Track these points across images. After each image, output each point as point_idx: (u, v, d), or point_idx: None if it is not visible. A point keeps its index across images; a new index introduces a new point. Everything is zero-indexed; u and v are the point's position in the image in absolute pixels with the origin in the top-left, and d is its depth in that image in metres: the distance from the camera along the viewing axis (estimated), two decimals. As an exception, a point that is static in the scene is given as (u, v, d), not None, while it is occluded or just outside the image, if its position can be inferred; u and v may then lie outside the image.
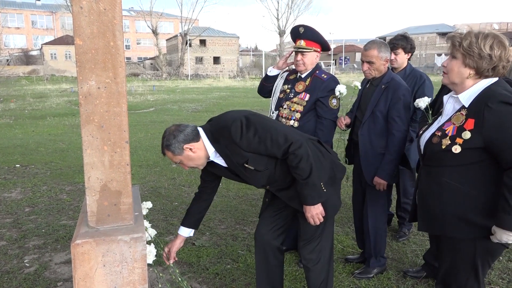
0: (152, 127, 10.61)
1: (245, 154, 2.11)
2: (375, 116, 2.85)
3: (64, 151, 7.54)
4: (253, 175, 2.21)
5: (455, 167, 1.80)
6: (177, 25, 59.66)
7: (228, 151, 2.13)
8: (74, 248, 1.76)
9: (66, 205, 4.70)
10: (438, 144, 1.83)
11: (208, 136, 2.17)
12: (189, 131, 2.12)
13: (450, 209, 1.83)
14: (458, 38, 1.81)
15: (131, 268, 1.84)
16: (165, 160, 6.78)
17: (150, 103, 17.29)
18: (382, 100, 2.82)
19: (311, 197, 2.17)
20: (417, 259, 3.34)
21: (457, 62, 1.82)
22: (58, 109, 14.86)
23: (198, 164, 2.21)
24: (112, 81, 1.78)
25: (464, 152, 1.75)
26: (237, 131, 2.06)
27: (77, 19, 1.70)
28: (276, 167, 2.21)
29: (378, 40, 2.87)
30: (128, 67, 48.29)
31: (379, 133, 2.85)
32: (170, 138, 2.10)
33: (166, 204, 4.70)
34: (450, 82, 1.87)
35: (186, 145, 2.10)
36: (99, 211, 1.86)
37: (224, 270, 3.19)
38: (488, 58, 1.75)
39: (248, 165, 2.15)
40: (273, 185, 2.31)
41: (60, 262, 3.34)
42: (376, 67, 2.82)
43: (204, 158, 2.19)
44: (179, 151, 2.10)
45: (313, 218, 2.21)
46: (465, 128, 1.76)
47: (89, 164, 1.82)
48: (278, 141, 2.08)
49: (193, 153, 2.12)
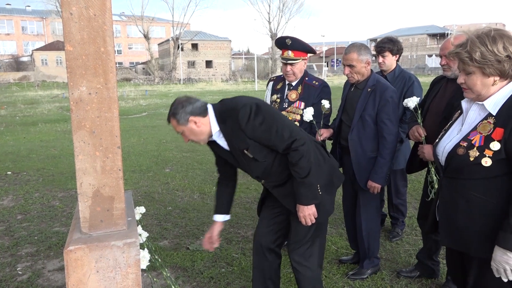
0: (144, 132, 10.58)
1: (248, 141, 2.11)
2: (364, 120, 2.84)
3: (56, 158, 7.49)
4: (250, 164, 2.22)
5: (483, 180, 1.68)
6: (168, 29, 59.61)
7: (232, 133, 2.14)
8: (67, 255, 1.75)
9: (59, 211, 4.67)
10: (465, 156, 1.68)
11: (216, 115, 2.17)
12: (198, 105, 2.14)
13: (478, 226, 1.71)
14: (465, 52, 1.67)
15: (124, 273, 1.84)
16: (158, 165, 6.77)
17: (143, 108, 17.24)
18: (369, 103, 2.81)
19: (306, 196, 2.17)
20: (411, 258, 3.36)
21: (476, 76, 1.68)
22: (50, 115, 14.76)
23: (200, 140, 2.21)
24: (103, 86, 1.78)
25: (495, 164, 1.63)
26: (245, 116, 2.07)
27: (67, 25, 1.70)
28: (274, 161, 2.21)
29: (358, 43, 2.86)
30: (120, 72, 48.11)
31: (369, 137, 2.85)
32: (178, 107, 2.12)
33: (159, 209, 4.69)
34: (476, 95, 1.73)
35: (192, 117, 2.11)
36: (92, 217, 1.86)
37: (219, 273, 3.18)
38: (507, 59, 1.62)
39: (247, 152, 2.15)
40: (268, 180, 2.31)
41: (53, 269, 3.32)
42: (357, 70, 2.81)
43: (206, 135, 2.19)
44: (183, 122, 2.12)
45: (305, 218, 2.21)
46: (494, 138, 1.63)
47: (81, 170, 1.81)
48: (283, 135, 2.09)
49: (197, 127, 2.13)
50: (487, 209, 1.69)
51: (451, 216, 1.81)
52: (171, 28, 51.77)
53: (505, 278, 1.64)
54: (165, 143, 8.88)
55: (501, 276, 1.65)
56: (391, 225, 3.93)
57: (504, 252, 1.60)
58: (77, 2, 1.69)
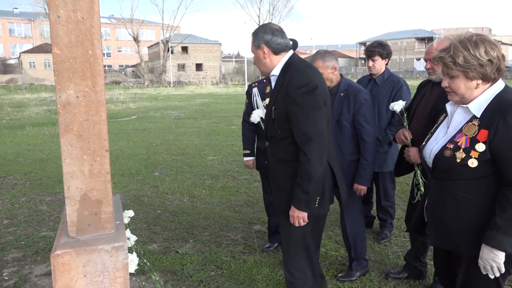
0: (134, 135, 10.51)
1: (282, 103, 2.12)
2: (341, 124, 2.86)
3: (44, 161, 7.41)
4: (269, 121, 2.24)
5: (470, 180, 1.72)
6: (158, 32, 59.38)
7: (280, 87, 2.17)
8: (54, 259, 1.73)
9: (46, 216, 4.62)
10: (452, 158, 1.73)
11: (285, 63, 2.21)
12: (279, 41, 2.18)
13: (465, 225, 1.76)
14: (448, 57, 1.72)
15: (112, 277, 1.83)
16: (148, 168, 6.73)
17: (132, 111, 17.13)
18: (344, 108, 2.85)
19: (301, 201, 2.11)
20: (399, 260, 3.39)
21: (460, 80, 1.73)
22: (38, 119, 14.59)
23: (260, 67, 2.29)
24: (91, 90, 1.77)
25: (481, 164, 1.68)
26: (299, 85, 2.07)
27: (55, 28, 1.69)
28: (285, 140, 2.16)
29: (322, 50, 2.90)
30: (109, 74, 47.80)
31: (347, 140, 2.88)
32: (262, 29, 2.20)
33: (149, 213, 4.66)
34: (460, 98, 1.78)
35: (265, 46, 2.17)
36: (79, 221, 1.85)
37: (208, 277, 3.18)
38: (489, 63, 1.68)
39: (273, 111, 2.17)
40: (271, 149, 2.28)
41: (40, 274, 3.28)
42: (325, 77, 2.77)
43: (268, 68, 2.25)
44: (257, 44, 2.20)
45: (294, 219, 2.17)
46: (479, 139, 1.68)
47: (69, 174, 1.80)
48: (306, 128, 2.04)
49: (263, 57, 2.21)
50: (474, 208, 1.74)
51: (440, 216, 1.85)
52: (161, 31, 51.57)
53: (492, 275, 1.70)
54: (155, 146, 8.84)
55: (488, 273, 1.70)
56: (380, 227, 3.96)
57: (491, 250, 1.66)
58: (65, 5, 1.69)
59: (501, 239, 1.62)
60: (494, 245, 1.64)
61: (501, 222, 1.62)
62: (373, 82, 3.65)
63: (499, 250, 1.64)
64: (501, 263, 1.66)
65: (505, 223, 1.62)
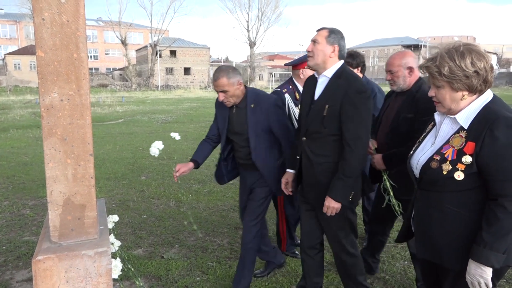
0: (120, 138, 10.42)
1: (337, 103, 2.33)
2: (260, 135, 2.81)
3: (28, 165, 7.29)
4: (313, 118, 2.41)
5: (456, 192, 1.70)
6: (147, 35, 59.09)
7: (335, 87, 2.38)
8: (35, 265, 1.71)
9: (29, 220, 4.54)
10: (439, 170, 1.70)
11: (340, 68, 2.43)
12: (344, 51, 2.46)
13: (451, 238, 1.74)
14: (434, 67, 1.69)
15: (95, 283, 1.80)
16: (134, 172, 6.67)
17: (119, 114, 16.99)
18: (259, 118, 2.78)
19: (338, 193, 2.33)
20: (384, 265, 3.41)
21: (445, 90, 1.70)
22: (22, 121, 14.36)
23: (317, 61, 2.42)
24: (75, 93, 1.76)
25: (467, 177, 1.65)
26: (360, 91, 2.32)
27: (39, 31, 1.67)
28: (330, 135, 2.38)
29: (224, 66, 2.79)
30: (96, 77, 47.34)
31: (270, 146, 2.86)
32: (340, 33, 2.43)
33: (134, 217, 4.62)
34: (447, 109, 1.75)
35: (337, 47, 2.40)
36: (62, 226, 1.82)
37: (194, 282, 3.16)
38: (475, 74, 1.64)
39: (327, 108, 2.35)
40: (310, 144, 2.46)
41: (22, 280, 3.22)
42: (231, 94, 2.75)
43: (325, 65, 2.42)
44: (332, 41, 2.38)
45: (328, 209, 2.37)
46: (465, 152, 1.64)
47: (52, 178, 1.78)
48: (361, 127, 2.31)
49: (329, 55, 2.39)
50: (460, 221, 1.71)
51: (426, 227, 1.82)
52: (149, 35, 51.35)
53: None
54: (141, 150, 8.77)
55: None
56: (365, 232, 3.99)
57: (478, 266, 1.62)
58: (50, 8, 1.68)
59: (488, 255, 1.59)
60: (481, 261, 1.60)
61: (488, 237, 1.59)
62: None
63: (487, 266, 1.60)
64: (488, 279, 1.63)
65: (492, 238, 1.58)
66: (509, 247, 1.62)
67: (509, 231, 1.58)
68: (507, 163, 1.58)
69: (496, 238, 1.58)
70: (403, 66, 2.69)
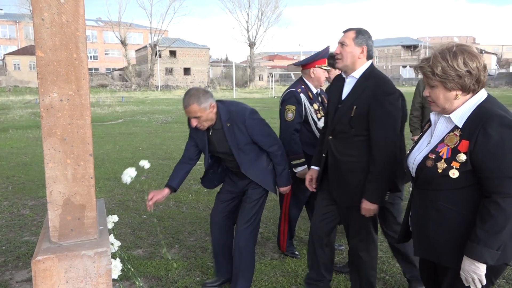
0: (120, 139, 10.42)
1: (365, 104, 2.36)
2: (244, 150, 2.77)
3: (27, 165, 7.29)
4: (340, 117, 2.45)
5: (452, 191, 1.72)
6: (146, 36, 59.08)
7: (363, 88, 2.41)
8: (35, 265, 1.71)
9: (29, 220, 4.54)
10: (434, 168, 1.73)
11: (368, 68, 2.45)
12: (372, 51, 2.46)
13: (448, 236, 1.76)
14: (427, 67, 1.73)
15: (95, 283, 1.80)
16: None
17: (119, 114, 16.99)
18: (238, 135, 2.72)
19: (374, 195, 2.36)
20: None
21: (439, 90, 1.73)
22: (21, 121, 14.36)
23: (346, 63, 2.44)
24: (75, 93, 1.76)
25: (462, 175, 1.68)
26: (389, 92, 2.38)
27: (39, 31, 1.67)
28: (357, 136, 2.42)
29: (194, 91, 2.65)
30: (96, 78, 47.34)
31: (257, 156, 2.83)
32: (367, 33, 2.41)
33: (134, 217, 4.62)
34: (441, 108, 1.78)
35: (366, 47, 2.40)
36: (62, 226, 1.82)
37: (193, 282, 3.16)
38: (468, 74, 1.67)
39: (355, 109, 2.38)
40: (337, 144, 2.50)
41: (22, 280, 3.21)
42: (205, 119, 2.65)
43: (354, 67, 2.45)
44: (359, 42, 2.39)
45: (365, 211, 2.41)
46: (460, 150, 1.67)
47: (51, 178, 1.78)
48: (389, 129, 2.36)
49: (358, 56, 2.40)
50: (456, 219, 1.72)
51: (423, 226, 1.84)
52: (149, 35, 51.35)
53: (473, 287, 1.68)
54: (141, 150, 8.77)
55: (470, 285, 1.69)
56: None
57: (472, 262, 1.64)
58: (49, 8, 1.68)
59: (482, 251, 1.61)
60: (475, 257, 1.63)
61: (482, 234, 1.62)
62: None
63: (480, 262, 1.63)
64: (482, 275, 1.65)
65: (486, 235, 1.61)
66: (505, 244, 1.64)
67: (503, 228, 1.60)
68: (500, 161, 1.61)
69: (489, 234, 1.61)
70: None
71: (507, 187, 1.60)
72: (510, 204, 1.59)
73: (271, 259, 3.56)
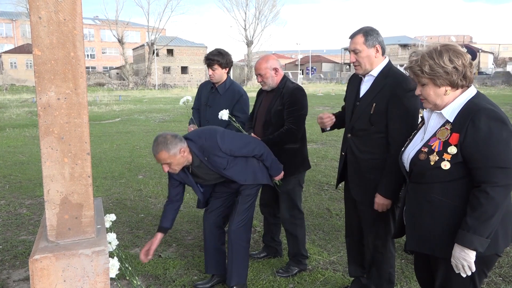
0: (117, 137, 10.40)
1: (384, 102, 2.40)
2: (230, 167, 2.78)
3: (24, 164, 7.26)
4: (359, 115, 2.48)
5: (445, 183, 1.79)
6: (143, 34, 59.01)
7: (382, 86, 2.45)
8: (33, 264, 1.70)
9: (26, 219, 4.52)
10: (426, 161, 1.81)
11: (386, 65, 2.49)
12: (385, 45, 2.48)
13: (441, 227, 1.82)
14: (416, 66, 1.83)
15: (93, 282, 1.80)
16: (131, 171, 6.66)
17: (116, 113, 16.95)
18: (220, 162, 2.72)
19: (388, 190, 2.38)
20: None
21: (429, 87, 1.83)
22: (18, 120, 14.30)
23: (365, 65, 2.46)
24: (72, 92, 1.76)
25: (454, 167, 1.75)
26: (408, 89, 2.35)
27: (36, 29, 1.67)
28: (377, 133, 2.44)
29: (161, 138, 2.53)
30: (93, 76, 47.23)
31: (244, 164, 2.86)
32: (374, 31, 2.42)
33: (131, 216, 4.61)
34: (433, 105, 1.87)
35: (379, 46, 2.41)
36: (59, 225, 1.82)
37: (191, 281, 3.16)
38: (454, 70, 1.77)
39: (374, 106, 2.41)
40: (356, 141, 2.52)
41: (19, 279, 3.21)
42: (176, 163, 2.57)
43: (372, 66, 2.46)
44: (371, 43, 2.40)
45: (379, 206, 2.43)
46: (451, 143, 1.75)
47: (49, 177, 1.78)
48: (408, 124, 2.35)
49: (375, 56, 2.43)
50: (449, 211, 1.80)
51: (416, 219, 1.91)
52: (146, 33, 51.22)
53: (463, 274, 1.76)
54: (139, 149, 8.75)
55: (460, 272, 1.77)
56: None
57: (462, 249, 1.72)
58: (47, 6, 1.67)
59: (472, 239, 1.68)
60: (465, 244, 1.70)
61: (471, 221, 1.69)
62: (215, 90, 3.63)
63: (470, 249, 1.69)
64: (471, 262, 1.72)
65: (476, 222, 1.68)
66: (496, 235, 1.73)
67: (492, 216, 1.67)
68: (488, 151, 1.69)
69: (479, 222, 1.67)
70: (269, 68, 3.06)
71: (496, 176, 1.68)
72: (498, 193, 1.67)
73: (269, 257, 3.56)
